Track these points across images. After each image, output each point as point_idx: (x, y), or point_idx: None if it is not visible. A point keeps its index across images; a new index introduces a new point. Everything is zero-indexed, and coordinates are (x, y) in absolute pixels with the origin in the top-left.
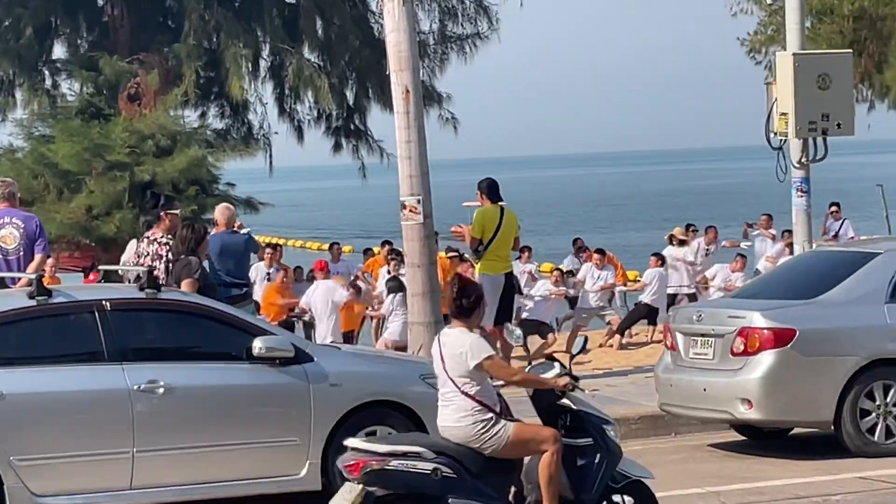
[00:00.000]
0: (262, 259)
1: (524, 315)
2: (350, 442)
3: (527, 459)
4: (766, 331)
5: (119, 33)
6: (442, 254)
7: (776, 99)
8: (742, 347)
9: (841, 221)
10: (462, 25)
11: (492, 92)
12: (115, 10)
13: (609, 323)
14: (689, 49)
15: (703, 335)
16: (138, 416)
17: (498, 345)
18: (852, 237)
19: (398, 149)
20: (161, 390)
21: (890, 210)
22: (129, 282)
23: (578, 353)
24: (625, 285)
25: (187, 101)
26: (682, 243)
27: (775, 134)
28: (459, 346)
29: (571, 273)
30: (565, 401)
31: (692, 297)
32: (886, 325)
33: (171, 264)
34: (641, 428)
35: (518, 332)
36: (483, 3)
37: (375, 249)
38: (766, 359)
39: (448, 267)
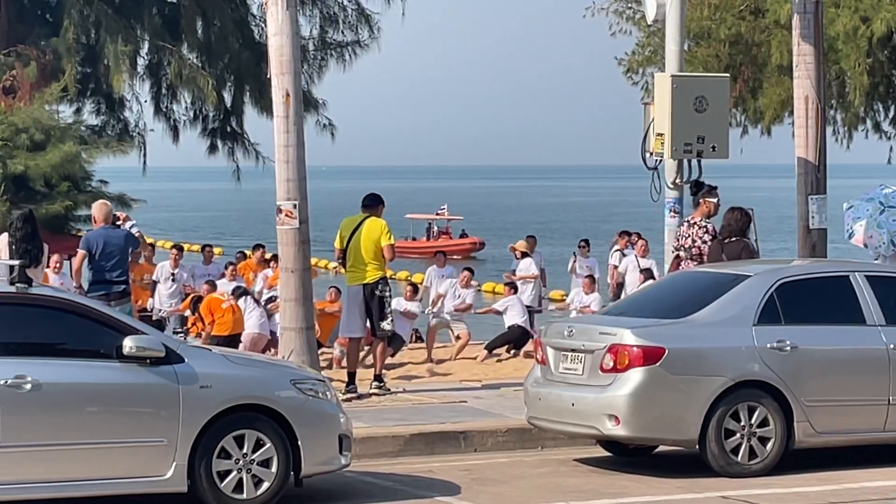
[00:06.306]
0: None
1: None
2: None
3: None
4: (635, 348)
5: None
6: None
7: (653, 119)
8: (611, 364)
9: None
10: (343, 33)
11: (372, 100)
12: None
13: (458, 337)
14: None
15: (573, 350)
16: (3, 412)
17: (377, 351)
18: None
19: (276, 152)
20: (28, 386)
21: (760, 235)
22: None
23: None
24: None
25: (64, 96)
26: (524, 256)
27: (651, 154)
28: None
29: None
30: None
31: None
32: (754, 347)
33: (703, 245)
34: (508, 441)
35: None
36: (364, 12)
37: (248, 253)
38: (635, 376)
39: None
